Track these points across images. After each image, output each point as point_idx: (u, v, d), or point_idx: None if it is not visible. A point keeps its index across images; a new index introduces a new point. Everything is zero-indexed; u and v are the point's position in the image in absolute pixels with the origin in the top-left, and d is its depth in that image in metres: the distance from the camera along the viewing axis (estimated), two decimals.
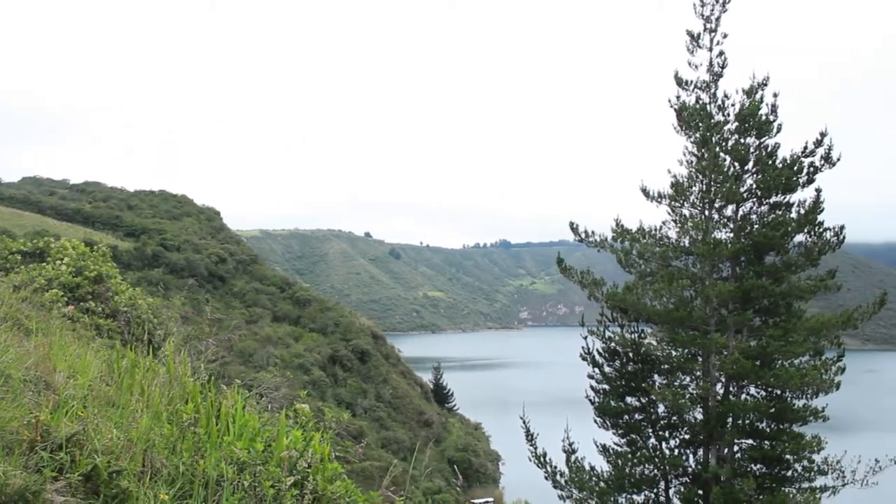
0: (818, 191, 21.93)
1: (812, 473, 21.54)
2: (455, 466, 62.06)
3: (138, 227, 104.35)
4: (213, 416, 4.63)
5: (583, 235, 23.84)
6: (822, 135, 21.95)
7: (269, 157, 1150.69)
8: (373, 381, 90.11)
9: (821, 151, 21.95)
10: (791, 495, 20.67)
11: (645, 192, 23.56)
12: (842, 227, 21.80)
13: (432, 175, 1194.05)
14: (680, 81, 23.50)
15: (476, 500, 68.25)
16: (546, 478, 24.09)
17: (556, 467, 23.89)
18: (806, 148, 22.07)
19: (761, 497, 20.62)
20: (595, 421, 23.98)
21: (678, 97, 23.57)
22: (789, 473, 21.86)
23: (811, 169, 22.03)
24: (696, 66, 23.29)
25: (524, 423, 24.42)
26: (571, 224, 23.91)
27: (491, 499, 70.00)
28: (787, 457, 21.51)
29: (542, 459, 24.05)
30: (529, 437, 24.31)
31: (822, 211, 21.93)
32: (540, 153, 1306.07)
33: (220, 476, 4.07)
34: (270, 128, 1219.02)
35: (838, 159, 21.92)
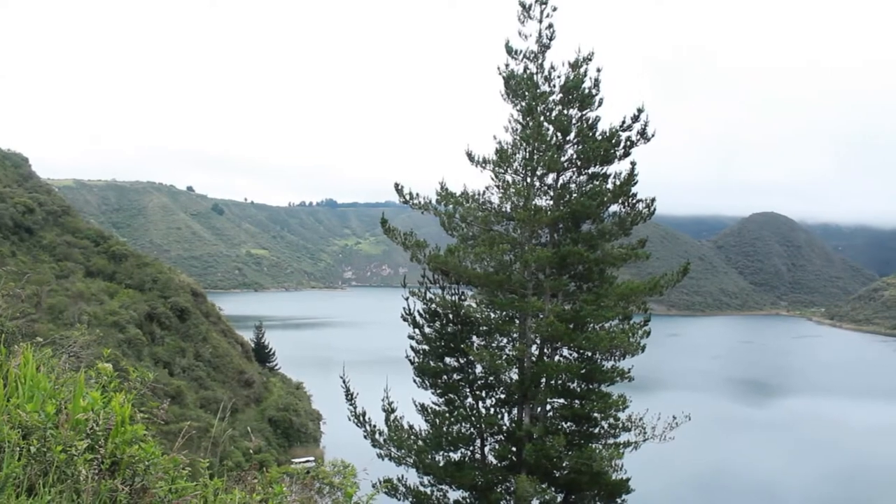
0: (633, 164, 22.90)
1: (617, 430, 22.80)
2: (249, 428, 61.53)
3: None
4: None
5: (408, 197, 23.82)
6: (640, 111, 22.88)
7: (86, 102, 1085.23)
8: (192, 340, 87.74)
9: (637, 127, 22.90)
10: (597, 451, 21.67)
11: (470, 156, 23.79)
12: (653, 200, 22.89)
13: (260, 129, 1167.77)
14: (510, 50, 23.75)
15: (297, 460, 68.12)
16: (365, 437, 24.20)
17: (375, 426, 24.04)
18: (624, 123, 22.95)
19: (570, 453, 21.60)
20: (414, 381, 24.24)
21: (507, 66, 23.83)
22: (597, 430, 23.04)
23: (628, 143, 22.96)
24: (526, 37, 23.60)
25: (344, 382, 24.41)
26: (397, 185, 23.85)
27: (311, 458, 70.04)
28: (595, 415, 22.61)
29: (361, 418, 24.13)
30: (349, 397, 24.32)
31: (635, 183, 22.91)
32: (369, 114, 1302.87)
33: (3, 441, 3.78)
34: (88, 70, 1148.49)
35: (653, 135, 22.95)
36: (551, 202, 23.27)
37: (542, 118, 23.09)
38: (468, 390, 23.95)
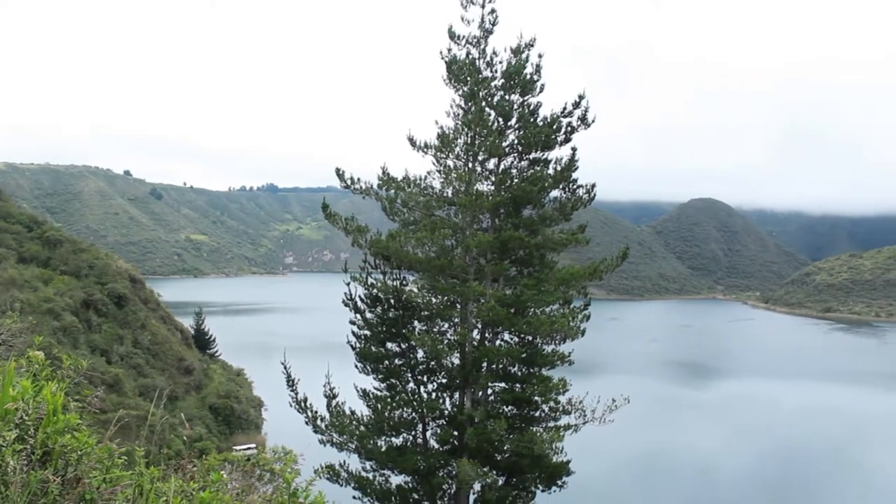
0: (574, 150, 23.15)
1: (558, 413, 23.10)
2: (183, 415, 60.87)
3: None
4: None
5: (349, 182, 23.70)
6: (580, 97, 23.10)
7: (18, 82, 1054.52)
8: (130, 327, 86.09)
9: (578, 113, 23.13)
10: (538, 434, 21.95)
11: (412, 141, 23.75)
12: (593, 186, 23.18)
13: (199, 113, 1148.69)
14: (453, 35, 23.74)
15: (238, 447, 67.41)
16: (307, 423, 24.12)
17: (316, 412, 23.97)
18: (565, 109, 23.16)
19: (511, 437, 21.80)
20: (356, 366, 24.21)
21: (450, 50, 23.85)
22: (537, 414, 23.30)
23: (569, 128, 23.18)
24: (469, 22, 23.62)
25: (285, 368, 24.27)
26: (338, 170, 23.70)
27: (253, 445, 69.41)
28: (536, 398, 22.86)
29: (303, 404, 24.03)
30: (290, 383, 24.21)
31: (576, 169, 23.17)
32: (310, 98, 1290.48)
33: None
34: (20, 49, 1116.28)
35: (593, 121, 23.22)
36: (493, 187, 23.37)
37: (483, 103, 23.16)
38: (410, 375, 24.03)
